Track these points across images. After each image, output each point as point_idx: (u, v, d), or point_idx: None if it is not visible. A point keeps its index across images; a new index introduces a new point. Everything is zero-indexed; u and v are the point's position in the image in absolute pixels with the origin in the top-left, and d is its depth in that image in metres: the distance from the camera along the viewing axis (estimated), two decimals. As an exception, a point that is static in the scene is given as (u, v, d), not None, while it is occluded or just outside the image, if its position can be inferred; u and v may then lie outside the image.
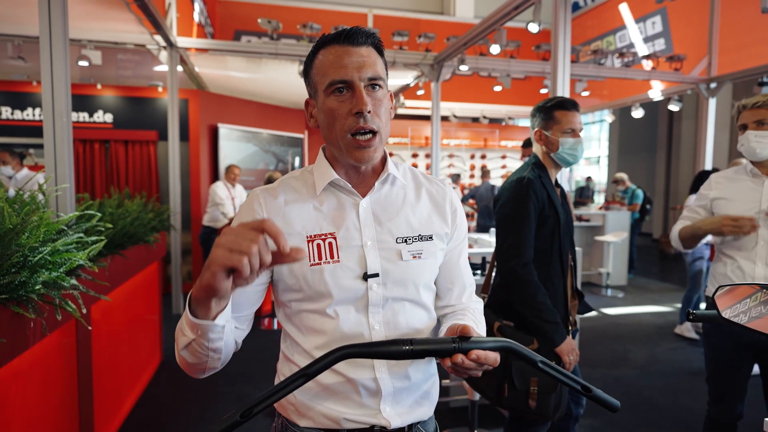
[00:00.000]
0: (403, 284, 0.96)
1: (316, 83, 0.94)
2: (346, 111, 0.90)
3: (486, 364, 0.78)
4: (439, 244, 1.01)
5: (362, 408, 0.94)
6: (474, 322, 1.00)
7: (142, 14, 3.94)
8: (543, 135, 1.92)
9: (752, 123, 1.86)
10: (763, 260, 1.81)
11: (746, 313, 1.11)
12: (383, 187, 1.00)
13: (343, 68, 0.89)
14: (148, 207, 3.30)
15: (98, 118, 6.08)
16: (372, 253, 0.94)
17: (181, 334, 0.82)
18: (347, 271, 0.93)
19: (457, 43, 5.17)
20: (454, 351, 0.77)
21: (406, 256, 0.96)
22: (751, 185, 1.91)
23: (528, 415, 1.84)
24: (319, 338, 0.95)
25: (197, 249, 6.12)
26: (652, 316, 5.44)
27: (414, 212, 1.00)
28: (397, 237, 0.97)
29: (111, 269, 2.34)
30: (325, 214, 0.97)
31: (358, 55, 0.90)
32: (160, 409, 3.06)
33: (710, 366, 2.01)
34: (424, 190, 1.05)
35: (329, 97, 0.91)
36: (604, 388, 3.32)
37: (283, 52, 5.17)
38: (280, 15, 6.80)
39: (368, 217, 0.97)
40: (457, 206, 1.07)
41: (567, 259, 1.95)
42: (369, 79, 0.90)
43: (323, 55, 0.92)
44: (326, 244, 0.94)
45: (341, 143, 0.92)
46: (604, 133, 14.65)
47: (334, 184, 0.98)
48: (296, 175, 1.03)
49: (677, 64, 6.41)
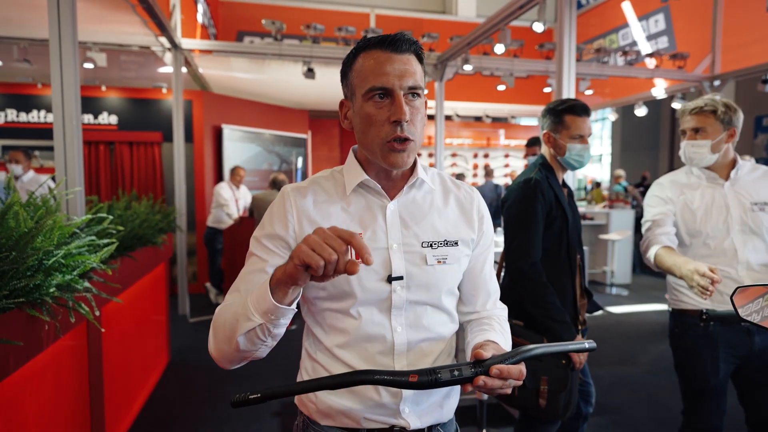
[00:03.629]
0: (427, 288, 0.96)
1: (355, 86, 0.94)
2: (384, 118, 0.90)
3: (511, 378, 0.78)
4: (465, 250, 1.01)
5: (382, 408, 0.94)
6: (499, 331, 1.00)
7: (147, 16, 3.95)
8: (552, 138, 1.93)
9: (690, 130, 1.82)
10: (744, 265, 1.76)
11: (759, 312, 1.12)
12: (411, 191, 1.01)
13: (384, 75, 0.89)
14: (155, 208, 3.31)
15: (103, 120, 6.10)
16: (397, 256, 0.95)
17: (244, 320, 0.83)
18: (372, 272, 0.94)
19: (461, 43, 5.17)
20: (474, 375, 0.77)
21: (431, 261, 0.96)
22: (713, 191, 1.83)
23: (538, 414, 1.85)
24: (341, 337, 0.96)
25: (202, 249, 6.14)
26: (657, 314, 5.44)
27: (441, 217, 1.01)
28: (422, 241, 0.97)
29: (121, 271, 2.35)
30: (353, 215, 0.98)
31: (400, 62, 0.90)
32: (169, 410, 3.08)
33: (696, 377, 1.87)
34: (452, 195, 1.05)
35: (368, 102, 0.91)
36: (611, 386, 3.35)
37: (286, 53, 5.18)
38: (282, 15, 6.80)
39: (395, 220, 0.98)
40: (485, 213, 1.07)
41: (575, 258, 1.96)
42: (409, 88, 0.90)
43: (364, 59, 0.92)
44: None
45: (376, 148, 0.92)
46: (606, 132, 14.63)
47: (364, 186, 0.99)
48: (326, 175, 1.04)
49: (680, 62, 6.40)
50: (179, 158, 5.00)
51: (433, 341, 0.98)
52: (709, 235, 1.79)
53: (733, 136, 1.81)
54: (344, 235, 0.72)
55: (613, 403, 3.21)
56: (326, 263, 0.71)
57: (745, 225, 1.77)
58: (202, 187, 6.30)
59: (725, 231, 1.78)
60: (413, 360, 0.96)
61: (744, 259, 1.76)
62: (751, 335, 1.75)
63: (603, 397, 3.27)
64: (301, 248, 0.72)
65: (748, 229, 1.76)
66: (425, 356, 0.97)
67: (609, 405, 3.17)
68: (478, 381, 0.76)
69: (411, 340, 0.96)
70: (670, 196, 1.89)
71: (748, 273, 1.75)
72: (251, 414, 3.03)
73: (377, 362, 0.95)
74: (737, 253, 1.76)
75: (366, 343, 0.95)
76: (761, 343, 1.75)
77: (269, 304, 0.79)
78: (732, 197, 1.80)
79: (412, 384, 0.76)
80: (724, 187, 1.82)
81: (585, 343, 0.82)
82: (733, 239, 1.77)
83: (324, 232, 0.73)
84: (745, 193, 1.80)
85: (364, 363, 0.95)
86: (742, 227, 1.77)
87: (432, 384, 0.76)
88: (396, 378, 0.76)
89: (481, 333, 0.97)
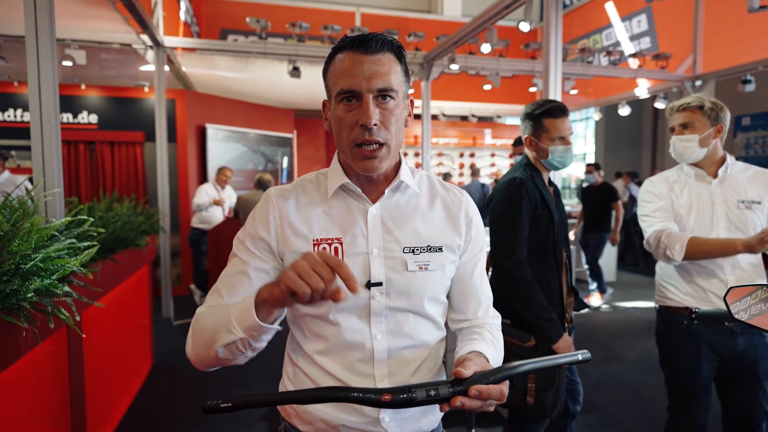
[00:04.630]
0: (407, 295, 0.94)
1: (330, 88, 0.93)
2: (352, 121, 0.88)
3: (490, 399, 0.74)
4: (450, 256, 0.98)
5: (361, 416, 0.92)
6: (490, 341, 0.96)
7: (128, 13, 3.87)
8: (533, 142, 1.93)
9: (678, 126, 1.84)
10: (730, 263, 1.77)
11: (747, 310, 1.13)
12: (394, 195, 0.98)
13: (352, 77, 0.86)
14: (138, 210, 3.25)
15: (83, 119, 5.97)
16: (377, 261, 0.93)
17: (225, 332, 0.82)
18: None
19: (448, 42, 5.17)
20: (451, 396, 0.74)
21: (412, 267, 0.94)
22: (700, 189, 1.85)
23: (526, 412, 1.85)
24: (320, 343, 0.95)
25: (186, 251, 6.05)
26: (641, 311, 5.51)
27: (425, 222, 0.98)
28: (404, 246, 0.95)
29: (102, 274, 2.29)
30: (334, 219, 0.96)
31: (370, 63, 0.87)
32: (153, 415, 3.02)
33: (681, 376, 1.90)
34: (438, 199, 1.02)
35: (339, 104, 0.89)
36: (597, 383, 3.37)
37: (271, 51, 5.12)
38: (267, 14, 6.73)
39: (376, 224, 0.95)
40: (474, 217, 1.03)
41: (561, 256, 1.96)
42: (379, 90, 0.87)
43: (338, 60, 0.90)
44: (332, 249, 0.93)
45: (347, 151, 0.91)
46: (590, 131, 14.78)
47: (345, 189, 0.97)
48: (311, 178, 1.02)
49: (663, 62, 6.48)
50: (162, 158, 4.91)
51: (416, 349, 0.96)
52: (694, 231, 1.80)
53: (720, 131, 1.83)
54: (332, 262, 0.71)
55: (600, 400, 3.23)
56: (313, 291, 0.71)
57: (730, 223, 1.78)
58: (186, 188, 6.21)
59: (710, 228, 1.79)
60: (394, 368, 0.94)
61: (730, 257, 1.76)
62: (735, 336, 1.76)
63: (590, 394, 3.30)
64: (288, 275, 0.72)
65: (733, 227, 1.77)
66: (407, 364, 0.95)
67: (596, 403, 3.19)
68: (455, 402, 0.73)
69: (392, 347, 0.94)
70: (661, 191, 1.91)
71: (733, 271, 1.76)
72: (239, 418, 2.99)
73: (357, 369, 0.93)
74: None
75: (345, 350, 0.93)
76: (744, 344, 1.77)
77: (252, 321, 0.79)
78: (718, 194, 1.82)
79: (385, 403, 0.73)
80: (711, 184, 1.84)
81: (578, 355, 0.78)
82: (718, 236, 1.78)
83: (312, 259, 0.72)
84: (733, 191, 1.81)
85: (343, 370, 0.93)
86: (728, 225, 1.77)
87: (406, 403, 0.72)
88: (368, 396, 0.73)
89: (470, 343, 0.93)
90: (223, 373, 3.60)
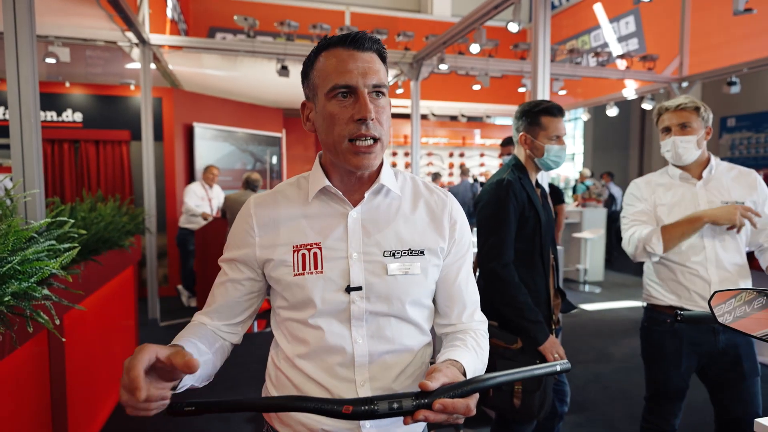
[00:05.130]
0: (388, 299, 0.93)
1: (316, 86, 0.91)
2: (347, 117, 0.87)
3: (456, 413, 0.71)
4: (433, 259, 0.97)
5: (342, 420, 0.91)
6: (472, 347, 0.94)
7: (112, 10, 3.81)
8: (528, 139, 1.92)
9: (676, 126, 1.83)
10: (713, 263, 1.78)
11: (731, 312, 1.13)
12: (375, 198, 0.97)
13: (347, 73, 0.86)
14: (122, 210, 3.20)
15: (67, 118, 5.87)
16: (357, 265, 0.92)
17: None
18: (330, 282, 0.92)
19: (437, 42, 5.17)
20: (415, 409, 0.71)
21: (393, 271, 0.93)
22: (685, 190, 1.86)
23: (513, 414, 1.84)
24: (302, 347, 0.94)
25: (173, 251, 5.99)
26: (629, 311, 5.55)
27: (407, 225, 0.96)
28: (384, 250, 0.93)
29: (85, 276, 2.25)
30: (313, 223, 0.95)
31: (363, 60, 0.88)
32: (138, 418, 2.97)
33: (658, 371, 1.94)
34: (422, 201, 1.00)
35: (331, 101, 0.88)
36: (585, 383, 3.38)
37: (259, 50, 5.08)
38: (255, 12, 6.68)
39: (357, 228, 0.94)
40: (458, 219, 1.01)
41: (548, 258, 1.96)
42: (373, 86, 0.88)
43: (326, 58, 0.89)
44: (311, 254, 0.92)
45: (339, 149, 0.89)
46: (579, 131, 14.89)
47: (326, 192, 0.95)
48: (292, 182, 1.02)
49: (650, 64, 6.54)
50: (148, 157, 4.85)
51: (398, 353, 0.95)
52: None
53: (709, 134, 1.85)
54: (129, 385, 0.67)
55: (588, 400, 3.25)
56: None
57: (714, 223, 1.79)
58: (173, 188, 6.14)
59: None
60: (376, 372, 0.93)
61: (713, 257, 1.78)
62: (716, 334, 1.78)
63: (578, 394, 3.31)
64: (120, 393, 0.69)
65: (718, 228, 1.78)
66: (389, 369, 0.94)
67: (584, 403, 3.21)
68: (419, 416, 0.71)
69: (373, 351, 0.93)
70: (644, 194, 1.93)
71: (717, 271, 1.78)
72: (224, 419, 2.95)
73: (338, 374, 0.92)
74: (706, 251, 1.79)
75: (326, 354, 0.93)
76: (725, 341, 1.79)
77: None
78: (702, 196, 1.83)
79: (346, 415, 0.71)
80: (696, 186, 1.85)
81: (557, 366, 0.77)
82: (702, 237, 1.79)
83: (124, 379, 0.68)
84: (717, 192, 1.83)
85: (324, 374, 0.93)
86: (712, 226, 1.78)
87: (367, 415, 0.71)
88: (329, 407, 0.72)
89: (449, 350, 0.92)
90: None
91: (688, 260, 1.81)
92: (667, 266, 1.88)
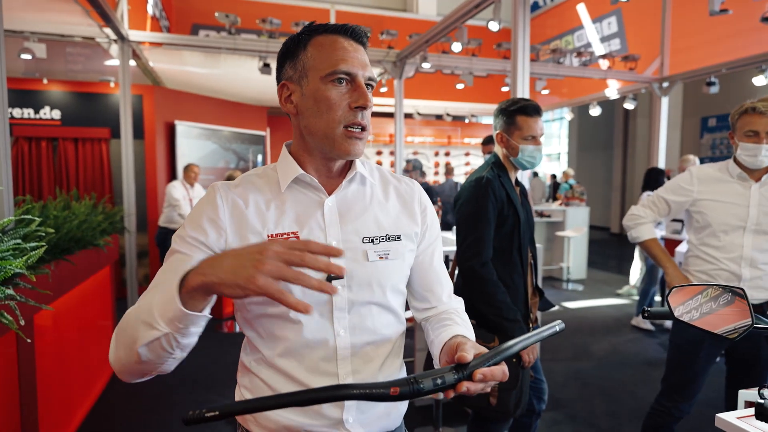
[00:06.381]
0: (369, 286, 0.92)
1: (309, 68, 0.89)
2: (344, 103, 0.88)
3: (494, 380, 0.72)
4: (409, 244, 0.98)
5: (324, 418, 0.89)
6: (462, 324, 0.97)
7: (89, 6, 3.73)
8: (504, 138, 1.92)
9: (764, 133, 1.82)
10: (748, 262, 1.88)
11: (698, 309, 1.14)
12: (351, 186, 0.97)
13: (350, 60, 0.88)
14: (98, 209, 3.14)
15: (45, 115, 5.76)
16: None
17: (147, 328, 0.72)
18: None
19: (419, 41, 5.16)
20: (457, 381, 0.71)
21: (372, 257, 0.92)
22: (740, 189, 1.92)
23: (489, 412, 1.84)
24: (281, 345, 0.90)
25: (154, 251, 5.90)
26: (611, 309, 5.60)
27: (382, 211, 0.98)
28: (363, 236, 0.93)
29: (56, 276, 2.20)
30: (288, 213, 0.92)
31: (360, 52, 0.91)
32: (114, 421, 2.93)
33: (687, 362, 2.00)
34: (392, 188, 1.02)
35: (327, 85, 0.88)
36: (565, 380, 3.39)
37: (241, 47, 5.03)
38: (239, 9, 6.60)
39: (333, 216, 0.93)
40: (427, 205, 1.04)
41: (527, 257, 1.96)
42: (368, 79, 0.90)
43: (323, 43, 0.90)
44: None
45: (331, 133, 0.89)
46: (564, 131, 15.02)
47: (300, 181, 0.94)
48: (258, 173, 0.99)
49: (632, 64, 6.61)
50: (127, 155, 4.77)
51: (378, 344, 0.94)
52: (722, 229, 1.91)
53: None
54: (313, 247, 0.68)
55: (567, 397, 3.27)
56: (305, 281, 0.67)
57: (760, 226, 1.87)
58: (155, 186, 6.06)
59: (739, 228, 1.89)
60: (358, 365, 0.92)
61: (749, 256, 1.88)
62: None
63: (558, 391, 3.33)
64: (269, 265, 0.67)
65: (761, 230, 1.87)
66: (370, 360, 0.93)
67: (563, 399, 3.23)
68: (461, 387, 0.70)
69: (355, 343, 0.92)
70: (692, 187, 2.01)
71: (750, 270, 1.88)
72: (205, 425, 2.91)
73: (320, 369, 0.90)
74: (743, 250, 1.88)
75: (307, 349, 0.90)
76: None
77: (177, 311, 0.69)
78: (755, 198, 1.90)
79: (393, 397, 0.69)
80: (751, 188, 1.91)
81: (556, 326, 0.80)
82: (744, 237, 1.88)
83: (290, 243, 0.68)
84: None
85: (306, 372, 0.90)
86: (757, 227, 1.87)
87: (415, 394, 0.70)
88: (374, 391, 0.69)
89: (446, 328, 0.93)
90: (187, 376, 3.52)
91: (723, 257, 1.91)
92: (702, 258, 1.98)
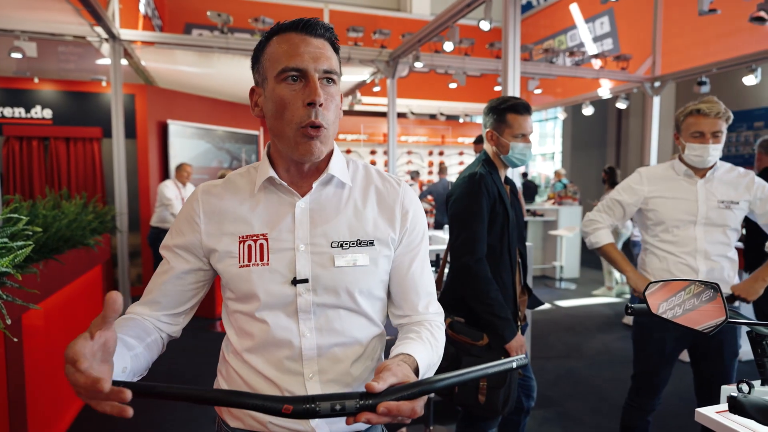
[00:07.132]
0: (335, 291, 0.91)
1: (266, 69, 0.89)
2: (298, 102, 0.85)
3: (401, 416, 0.68)
4: (383, 250, 0.95)
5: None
6: (426, 340, 0.92)
7: (79, 4, 3.72)
8: (494, 136, 1.93)
9: (710, 134, 1.88)
10: (703, 255, 1.93)
11: (681, 305, 1.14)
12: (324, 188, 0.95)
13: (298, 56, 0.85)
14: (89, 208, 3.12)
15: (36, 114, 5.73)
16: (303, 257, 0.91)
17: None
18: (276, 274, 0.90)
19: (412, 40, 5.17)
20: (358, 411, 0.68)
21: (339, 262, 0.91)
22: (687, 185, 1.98)
23: (477, 410, 1.85)
24: (249, 341, 0.93)
25: (147, 250, 5.88)
26: (603, 307, 5.63)
27: (356, 215, 0.95)
28: (332, 241, 0.92)
29: (44, 275, 2.19)
30: (260, 214, 0.93)
31: (314, 45, 0.87)
32: (104, 421, 2.91)
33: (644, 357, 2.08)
34: (372, 190, 0.98)
35: (280, 84, 0.86)
36: (557, 378, 3.42)
37: (234, 47, 5.01)
38: (231, 8, 6.58)
39: (304, 218, 0.93)
40: (410, 209, 0.99)
41: (516, 255, 1.97)
42: (324, 72, 0.87)
43: (278, 42, 0.88)
44: (257, 245, 0.91)
45: (288, 134, 0.87)
46: (557, 130, 15.07)
47: (272, 182, 0.94)
48: (242, 172, 1.00)
49: (624, 64, 6.64)
50: (119, 155, 4.75)
51: (348, 346, 0.94)
52: (674, 225, 1.96)
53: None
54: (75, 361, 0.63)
55: (557, 395, 3.28)
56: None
57: (709, 219, 1.93)
58: (147, 186, 6.03)
59: (690, 223, 1.95)
60: (325, 365, 0.92)
61: (702, 249, 1.93)
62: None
63: (548, 389, 3.35)
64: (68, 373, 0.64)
65: (711, 223, 1.93)
66: (339, 362, 0.93)
67: (553, 397, 3.24)
68: (362, 418, 0.67)
69: (321, 344, 0.91)
70: (641, 186, 2.06)
71: (705, 262, 1.94)
72: (190, 420, 2.91)
73: (285, 367, 0.91)
74: (697, 243, 1.94)
75: (273, 347, 0.91)
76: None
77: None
78: (702, 193, 1.95)
79: (285, 414, 0.68)
80: (697, 184, 1.97)
81: (513, 362, 0.73)
82: (695, 231, 1.94)
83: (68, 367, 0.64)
84: (716, 191, 1.95)
85: (272, 368, 0.92)
86: (707, 221, 1.93)
87: (308, 414, 0.68)
88: (268, 404, 0.68)
89: (404, 343, 0.89)
90: (180, 372, 3.51)
91: (678, 251, 1.96)
92: (657, 256, 2.02)
